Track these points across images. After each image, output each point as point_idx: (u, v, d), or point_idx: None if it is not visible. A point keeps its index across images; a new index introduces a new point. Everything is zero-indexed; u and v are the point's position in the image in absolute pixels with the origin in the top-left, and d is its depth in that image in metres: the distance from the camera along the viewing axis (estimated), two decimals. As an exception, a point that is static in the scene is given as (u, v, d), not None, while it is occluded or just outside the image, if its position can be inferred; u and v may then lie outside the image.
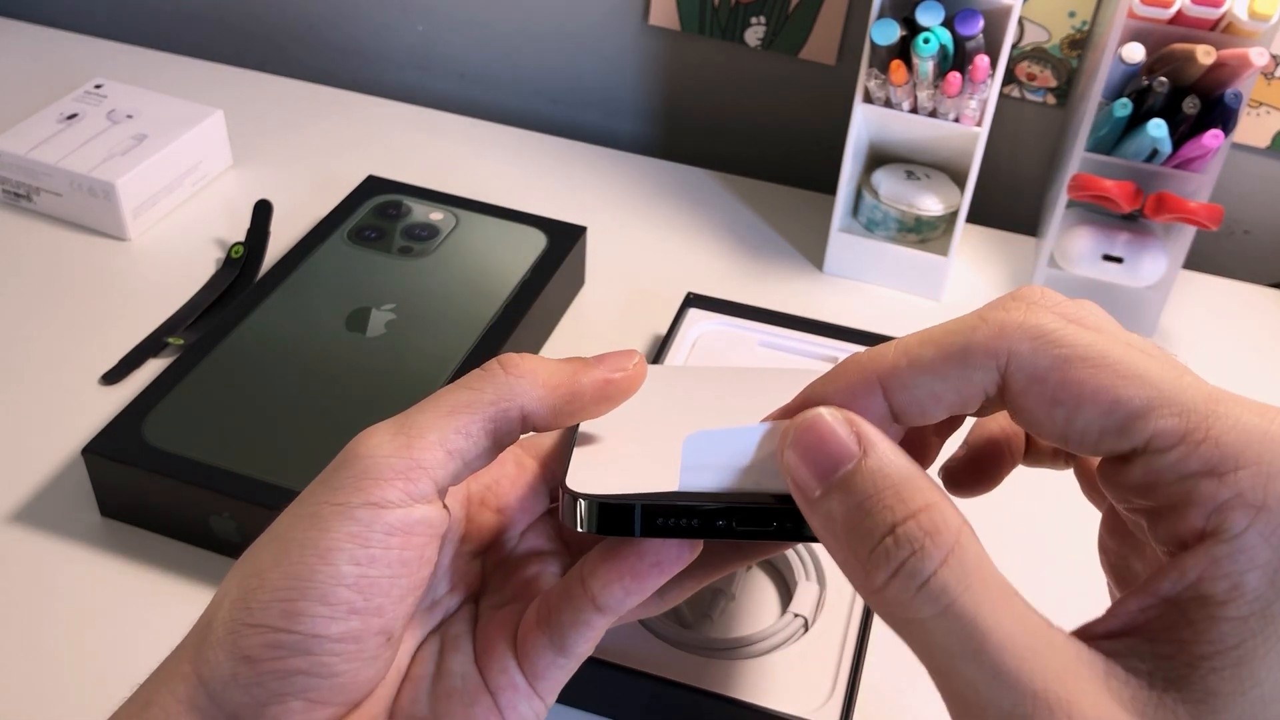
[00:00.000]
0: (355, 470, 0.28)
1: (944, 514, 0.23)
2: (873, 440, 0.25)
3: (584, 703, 0.42)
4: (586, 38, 0.78)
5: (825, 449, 0.25)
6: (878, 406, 0.26)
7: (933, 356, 0.25)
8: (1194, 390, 0.24)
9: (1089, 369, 0.24)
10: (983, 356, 0.25)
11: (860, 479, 0.24)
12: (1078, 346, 0.24)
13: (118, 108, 0.68)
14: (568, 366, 0.31)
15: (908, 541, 0.23)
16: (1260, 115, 0.68)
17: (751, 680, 0.41)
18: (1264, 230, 0.73)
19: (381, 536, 0.27)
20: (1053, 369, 0.24)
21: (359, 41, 0.83)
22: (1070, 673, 0.22)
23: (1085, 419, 0.24)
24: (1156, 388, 0.24)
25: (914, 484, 0.24)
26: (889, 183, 0.64)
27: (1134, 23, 0.56)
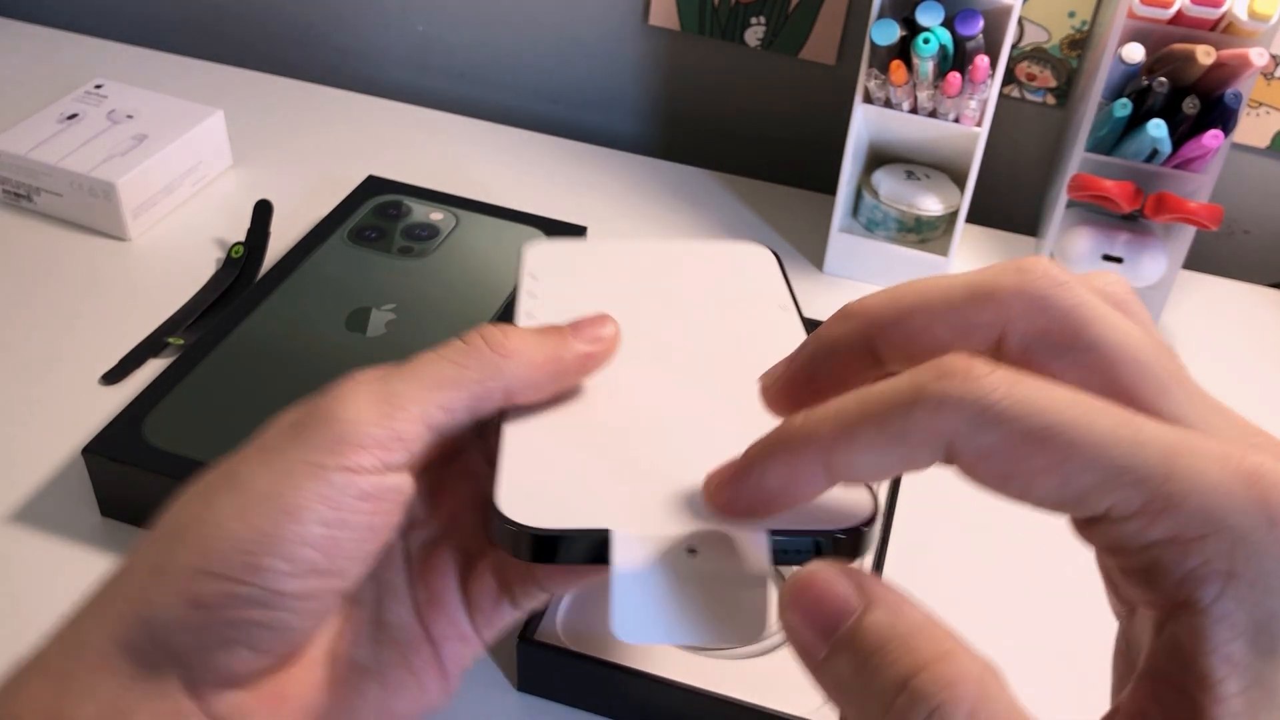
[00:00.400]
0: (334, 433, 0.28)
1: (960, 663, 0.21)
2: (876, 593, 0.23)
3: (584, 703, 0.42)
4: (586, 38, 0.78)
5: (824, 606, 0.23)
6: (819, 477, 0.25)
7: (871, 436, 0.24)
8: (1152, 449, 0.22)
9: (1035, 444, 0.22)
10: (921, 438, 0.23)
11: (865, 634, 0.22)
12: (1021, 419, 0.22)
13: (118, 108, 0.68)
14: (549, 342, 0.31)
15: (923, 699, 0.20)
16: (1260, 115, 0.68)
17: (751, 680, 0.41)
18: (1264, 230, 0.73)
19: (353, 501, 0.28)
20: (998, 447, 0.22)
21: (359, 42, 0.83)
22: None
23: (1040, 492, 0.23)
24: (1110, 457, 0.22)
25: (925, 633, 0.22)
26: (889, 183, 0.64)
27: (1134, 23, 0.56)
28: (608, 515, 0.26)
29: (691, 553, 0.26)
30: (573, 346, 0.31)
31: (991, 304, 0.24)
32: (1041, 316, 0.24)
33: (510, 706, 0.42)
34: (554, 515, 0.26)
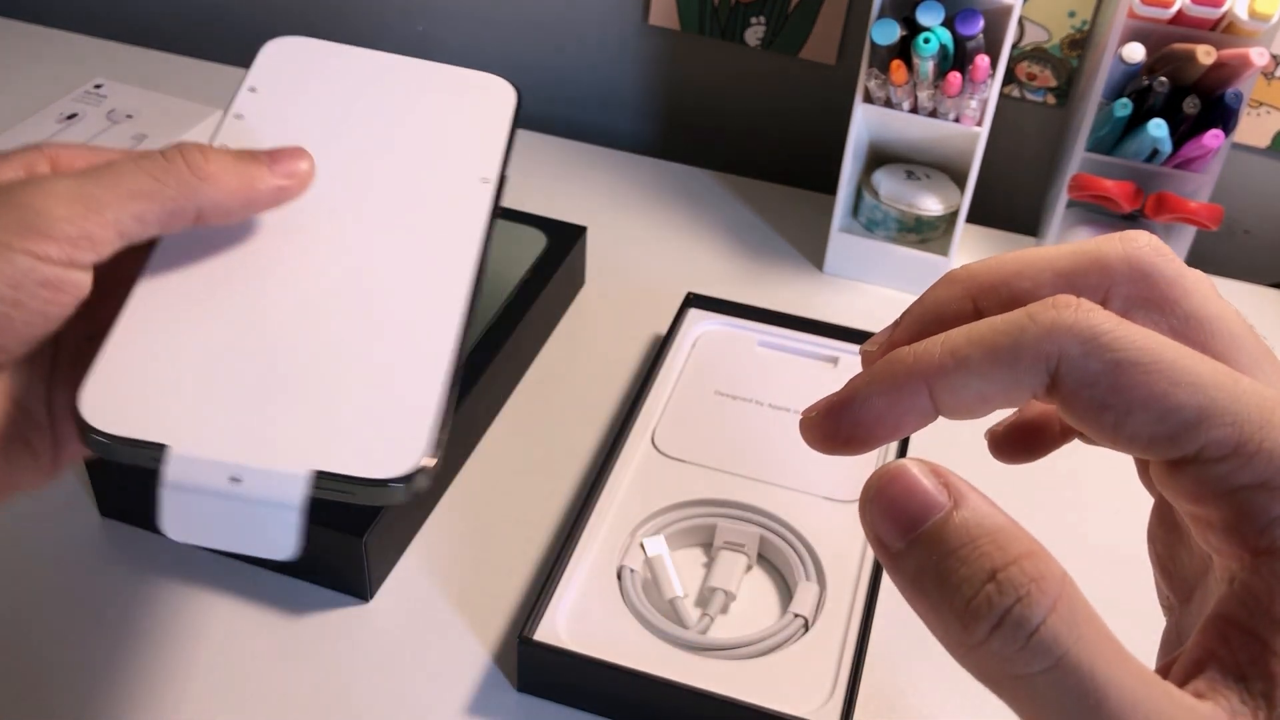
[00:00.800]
0: (25, 216, 0.29)
1: (1047, 562, 0.22)
2: (963, 492, 0.23)
3: (584, 703, 0.42)
4: (586, 38, 0.78)
5: (911, 501, 0.23)
6: (923, 404, 0.25)
7: (980, 359, 0.24)
8: (1250, 399, 0.23)
9: (1141, 374, 0.23)
10: (1032, 359, 0.23)
11: (952, 529, 0.22)
12: (1130, 349, 0.23)
13: (117, 108, 0.68)
14: (246, 171, 0.33)
15: (1011, 588, 0.21)
16: (1260, 115, 0.68)
17: (751, 680, 0.41)
18: (1264, 230, 0.73)
19: (33, 286, 0.29)
20: (1103, 373, 0.23)
21: (359, 42, 0.83)
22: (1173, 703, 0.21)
23: (1135, 425, 0.23)
24: (1210, 396, 0.22)
25: (1011, 532, 0.22)
26: (889, 183, 0.64)
27: (1134, 22, 0.56)
28: (169, 431, 0.29)
29: (235, 480, 0.29)
30: (267, 179, 0.33)
31: (1097, 268, 0.25)
32: (1144, 283, 0.25)
33: (510, 706, 0.42)
34: (121, 421, 0.29)
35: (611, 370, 0.58)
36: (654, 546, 0.45)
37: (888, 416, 0.25)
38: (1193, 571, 0.27)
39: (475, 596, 0.46)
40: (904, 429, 0.25)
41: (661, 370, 0.54)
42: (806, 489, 0.48)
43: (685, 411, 0.52)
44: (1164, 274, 0.25)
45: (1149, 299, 0.25)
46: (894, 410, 0.25)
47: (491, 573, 0.47)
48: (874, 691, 0.43)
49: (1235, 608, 0.22)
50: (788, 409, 0.53)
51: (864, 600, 0.44)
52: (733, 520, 0.47)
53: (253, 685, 0.42)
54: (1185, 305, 0.25)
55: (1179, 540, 0.28)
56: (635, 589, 0.44)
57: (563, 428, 0.54)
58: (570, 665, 0.41)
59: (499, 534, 0.49)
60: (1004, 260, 0.26)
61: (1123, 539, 0.42)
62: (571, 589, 0.44)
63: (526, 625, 0.42)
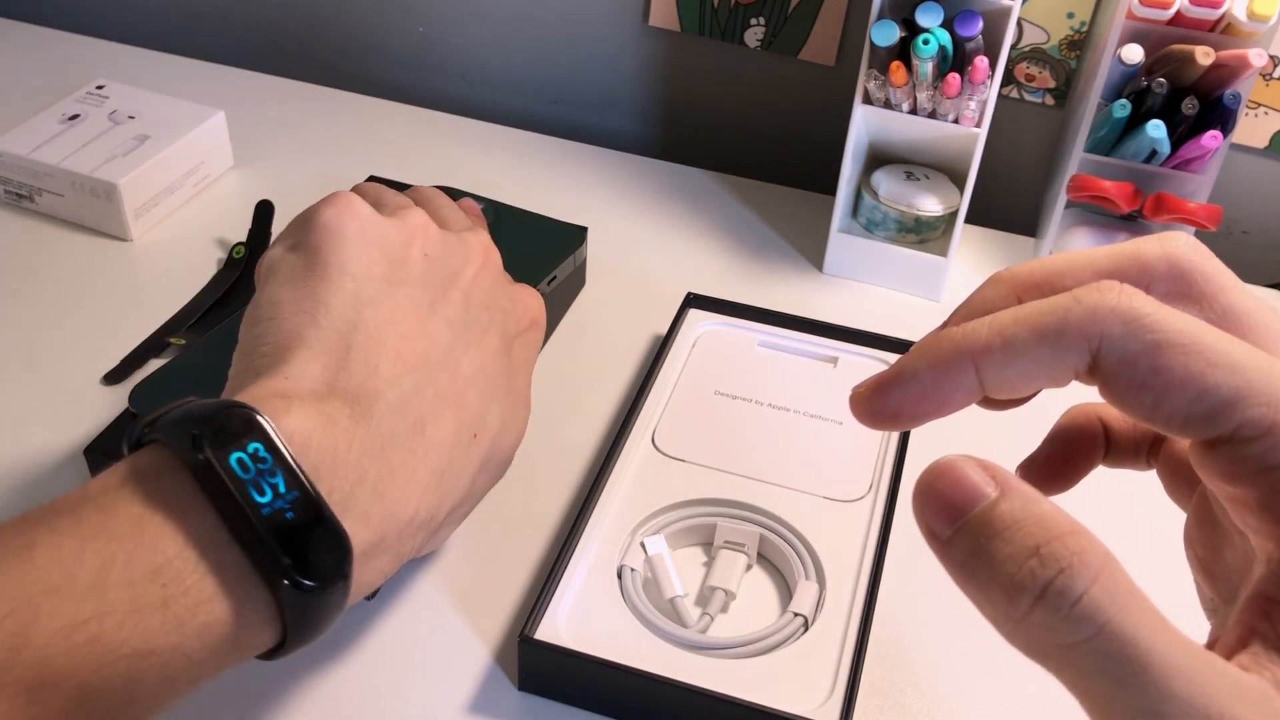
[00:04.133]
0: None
1: (1090, 539, 0.22)
2: (1010, 482, 0.24)
3: (584, 702, 0.42)
4: (587, 38, 0.78)
5: (958, 491, 0.24)
6: (969, 382, 0.26)
7: (1026, 337, 0.25)
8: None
9: (1179, 355, 0.24)
10: (1076, 338, 0.24)
11: (998, 515, 0.23)
12: (1169, 332, 0.24)
13: (119, 109, 0.68)
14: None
15: (1054, 561, 0.22)
16: (1259, 116, 0.68)
17: (751, 680, 0.41)
18: (1262, 231, 0.73)
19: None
20: (1143, 354, 0.24)
21: (360, 42, 0.84)
22: (1239, 694, 0.21)
23: (1173, 404, 0.24)
24: (1246, 377, 0.23)
25: (1055, 516, 0.23)
26: (888, 183, 0.65)
27: (1133, 24, 0.56)
28: None
29: None
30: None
31: (1136, 266, 0.27)
32: (1183, 279, 0.26)
33: (510, 706, 0.42)
34: None
35: (611, 370, 0.58)
36: (654, 546, 0.45)
37: (935, 393, 0.26)
38: (1236, 569, 0.27)
39: (475, 596, 0.46)
40: (951, 405, 0.26)
41: (661, 370, 0.54)
42: (806, 489, 0.48)
43: (685, 411, 0.52)
44: (1202, 270, 0.26)
45: (1188, 295, 0.26)
46: (941, 386, 0.26)
47: (492, 572, 0.47)
48: (874, 691, 0.43)
49: (1275, 586, 0.23)
50: (788, 409, 0.53)
51: (864, 599, 0.44)
52: (733, 520, 0.47)
53: (251, 685, 0.42)
54: (1222, 300, 0.26)
55: (1222, 539, 0.29)
56: (635, 588, 0.44)
57: (563, 428, 0.54)
58: (571, 664, 0.41)
59: (499, 534, 0.49)
60: (1047, 261, 0.28)
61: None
62: (572, 588, 0.44)
63: (527, 624, 0.42)
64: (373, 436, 0.35)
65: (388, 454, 0.35)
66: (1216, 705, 0.21)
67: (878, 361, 0.56)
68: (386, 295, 0.38)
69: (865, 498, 0.48)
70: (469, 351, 0.39)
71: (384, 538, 0.35)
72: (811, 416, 0.53)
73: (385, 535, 0.35)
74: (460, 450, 0.38)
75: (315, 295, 0.37)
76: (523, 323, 0.43)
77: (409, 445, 0.36)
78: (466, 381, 0.39)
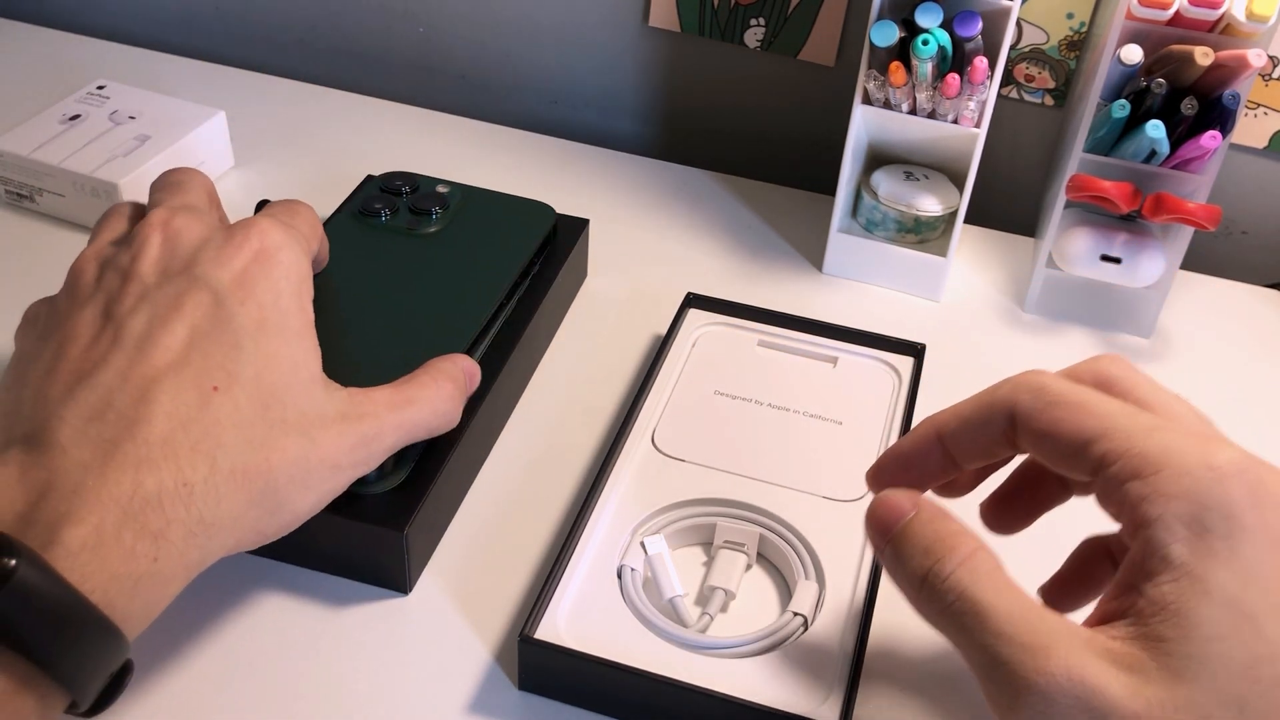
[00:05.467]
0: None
1: (965, 538, 0.32)
2: (924, 504, 0.34)
3: (584, 702, 0.42)
4: (586, 39, 0.78)
5: (889, 512, 0.34)
6: (939, 452, 0.37)
7: (969, 410, 0.36)
8: (1138, 421, 0.32)
9: (1066, 410, 0.33)
10: (1001, 405, 0.34)
11: (909, 527, 0.33)
12: (1061, 395, 0.33)
13: (120, 109, 0.68)
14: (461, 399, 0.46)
15: (934, 553, 0.32)
16: (1258, 116, 0.68)
17: (751, 678, 0.41)
18: (1261, 231, 0.73)
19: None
20: (1042, 411, 0.33)
21: (360, 43, 0.84)
22: (1054, 632, 0.30)
23: (1061, 446, 0.33)
24: (1109, 421, 0.32)
25: (949, 525, 0.33)
26: (888, 184, 0.65)
27: (1132, 24, 0.56)
28: None
29: None
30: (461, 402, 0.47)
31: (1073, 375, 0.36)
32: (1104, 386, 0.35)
33: (510, 706, 0.42)
34: None
35: (611, 370, 0.58)
36: (654, 545, 0.46)
37: (915, 459, 0.37)
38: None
39: (475, 596, 0.46)
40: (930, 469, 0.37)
41: (661, 370, 0.54)
42: (806, 489, 0.48)
43: (685, 411, 0.52)
44: (1116, 376, 0.35)
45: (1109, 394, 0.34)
46: (919, 453, 0.37)
47: (492, 572, 0.47)
48: (874, 690, 0.43)
49: (1127, 574, 0.30)
50: (787, 408, 0.53)
51: (864, 599, 0.44)
52: (732, 520, 0.47)
53: (251, 685, 0.42)
54: (1134, 395, 0.34)
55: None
56: (635, 588, 0.44)
57: (563, 427, 0.55)
58: (571, 664, 0.41)
59: (499, 533, 0.49)
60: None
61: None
62: (572, 588, 0.44)
63: (527, 624, 0.42)
64: (59, 449, 0.34)
65: (80, 453, 0.34)
66: (1031, 637, 0.30)
67: (877, 361, 0.56)
68: (46, 341, 0.39)
69: (865, 498, 0.48)
70: (168, 325, 0.37)
71: (101, 524, 0.33)
72: (811, 416, 0.53)
73: (103, 521, 0.33)
74: (199, 409, 0.36)
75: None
76: (237, 263, 0.40)
77: (117, 434, 0.35)
78: (177, 351, 0.37)
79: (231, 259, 0.40)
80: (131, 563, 0.33)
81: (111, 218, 0.44)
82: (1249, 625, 0.28)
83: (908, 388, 0.54)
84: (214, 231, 0.42)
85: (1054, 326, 0.64)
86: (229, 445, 0.36)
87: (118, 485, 0.33)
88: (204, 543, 0.35)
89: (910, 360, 0.56)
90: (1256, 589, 0.29)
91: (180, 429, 0.35)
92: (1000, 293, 0.66)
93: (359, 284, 0.53)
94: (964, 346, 0.62)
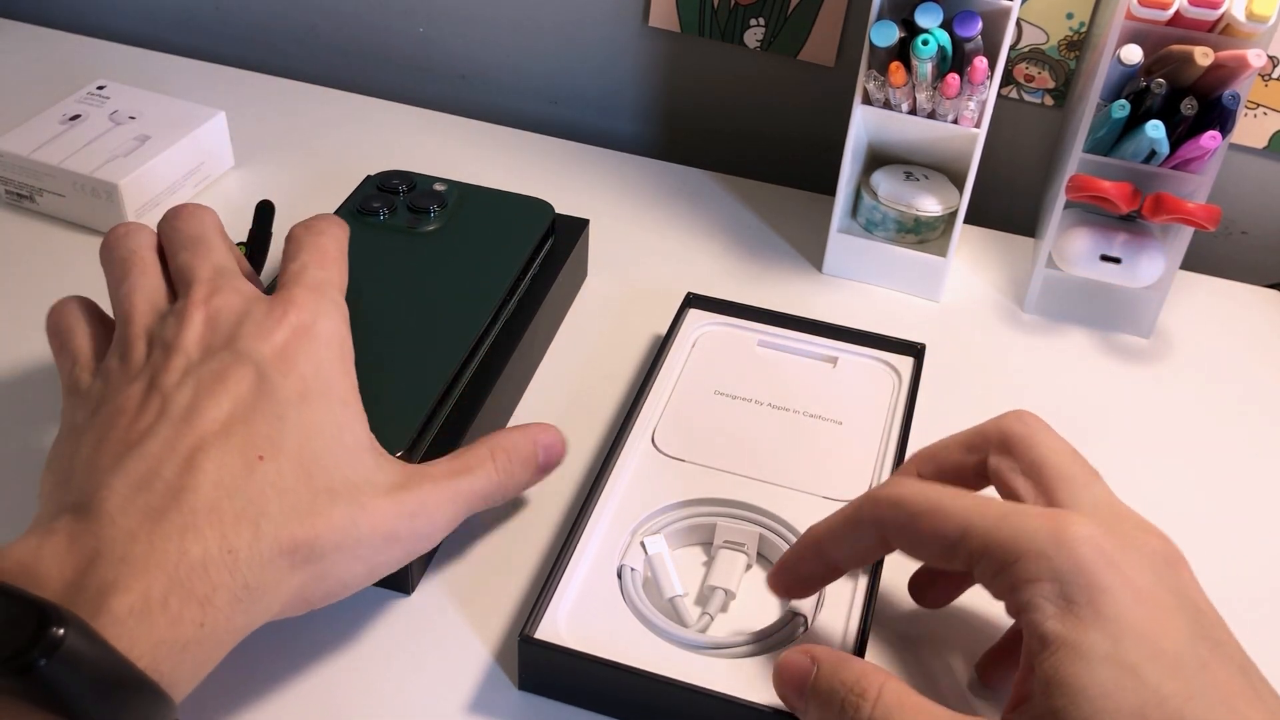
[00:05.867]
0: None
1: (870, 676, 0.35)
2: (820, 656, 0.37)
3: (583, 702, 0.42)
4: (586, 39, 0.78)
5: (794, 674, 0.37)
6: (819, 562, 0.41)
7: (839, 524, 0.40)
8: (990, 513, 0.35)
9: (923, 521, 0.36)
10: (868, 525, 0.38)
11: (815, 684, 0.36)
12: (919, 504, 0.36)
13: (120, 109, 0.68)
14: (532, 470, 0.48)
15: (849, 704, 0.35)
16: (1258, 117, 0.68)
17: (752, 678, 0.41)
18: (1261, 231, 0.73)
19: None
20: (905, 526, 0.37)
21: (360, 43, 0.84)
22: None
23: (932, 555, 0.36)
24: (964, 519, 0.35)
25: (848, 665, 0.36)
26: (888, 184, 0.65)
27: (1132, 24, 0.56)
28: None
29: None
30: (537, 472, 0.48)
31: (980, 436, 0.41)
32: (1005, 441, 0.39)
33: (510, 706, 0.42)
34: None
35: (611, 370, 0.58)
36: (654, 545, 0.46)
37: (806, 571, 0.42)
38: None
39: (475, 596, 0.46)
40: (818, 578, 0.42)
41: (661, 370, 0.54)
42: (806, 489, 0.48)
43: (685, 411, 0.52)
44: (1018, 434, 0.38)
45: (1008, 451, 0.38)
46: (804, 563, 0.41)
47: (492, 572, 0.47)
48: (873, 690, 0.43)
49: (1023, 657, 0.33)
50: (787, 409, 0.53)
51: (863, 599, 0.44)
52: (732, 519, 0.47)
53: (250, 685, 0.42)
54: (1030, 454, 0.37)
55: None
56: (635, 587, 0.44)
57: (563, 427, 0.54)
58: (571, 664, 0.41)
59: (499, 533, 0.49)
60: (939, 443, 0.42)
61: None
62: (572, 588, 0.44)
63: (527, 624, 0.42)
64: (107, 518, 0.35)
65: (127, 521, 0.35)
66: None
67: (877, 361, 0.56)
68: (96, 415, 0.39)
69: (865, 497, 0.48)
70: (213, 397, 0.38)
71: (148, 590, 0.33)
72: (811, 416, 0.53)
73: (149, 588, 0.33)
74: (244, 477, 0.37)
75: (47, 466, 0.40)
76: (277, 337, 0.41)
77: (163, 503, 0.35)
78: (222, 422, 0.38)
79: (272, 333, 0.41)
80: (178, 628, 0.34)
81: (134, 268, 0.45)
82: (1129, 677, 0.30)
83: (907, 388, 0.54)
84: (253, 304, 0.42)
85: (1054, 326, 0.64)
86: (273, 513, 0.37)
87: (164, 553, 0.34)
88: (249, 608, 0.36)
89: (910, 360, 0.56)
90: (1129, 641, 0.31)
91: (226, 497, 0.36)
92: (1000, 293, 0.66)
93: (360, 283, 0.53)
94: (964, 346, 0.62)
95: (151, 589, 0.33)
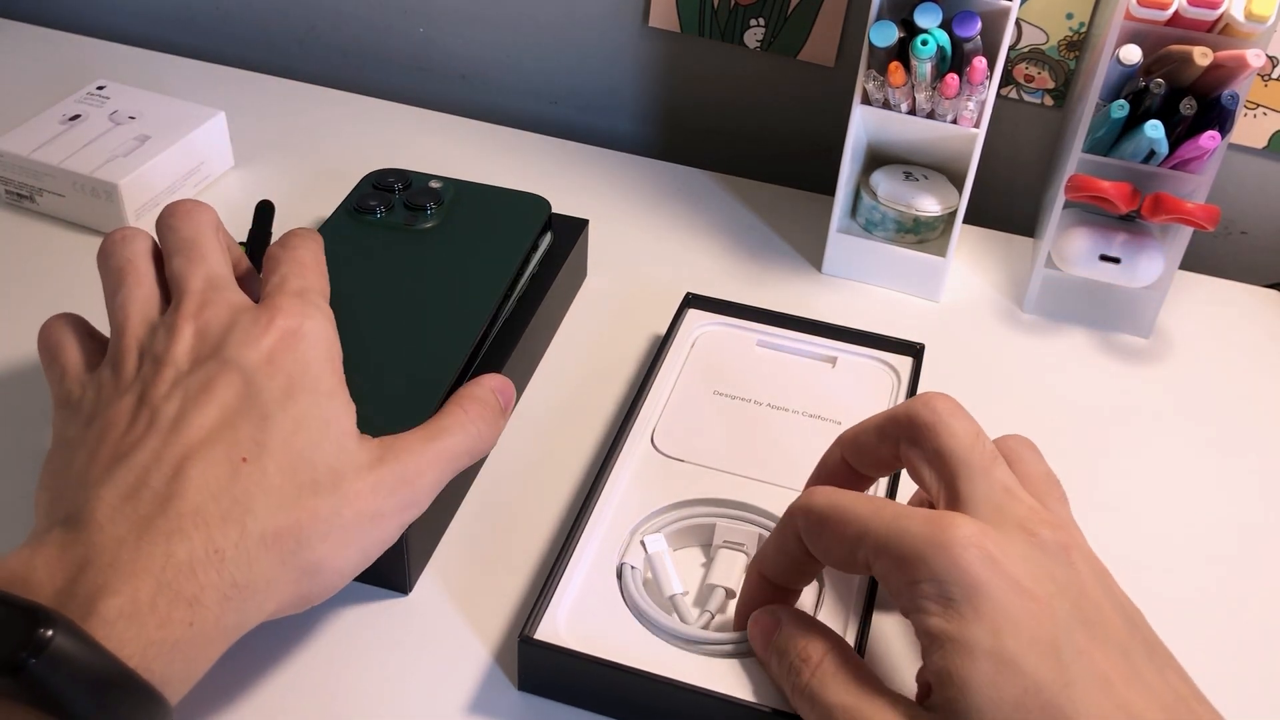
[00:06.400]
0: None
1: (816, 647, 0.38)
2: (785, 617, 0.40)
3: (583, 702, 0.42)
4: (586, 39, 0.78)
5: (761, 629, 0.40)
6: (767, 590, 0.42)
7: (770, 545, 0.41)
8: (883, 516, 0.36)
9: (829, 526, 0.38)
10: (790, 537, 0.40)
11: (777, 641, 0.39)
12: (826, 510, 0.38)
13: (120, 109, 0.68)
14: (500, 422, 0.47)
15: (795, 667, 0.38)
16: (1257, 117, 0.68)
17: (752, 678, 0.41)
18: (1260, 231, 0.73)
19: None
20: (815, 532, 0.38)
21: (360, 43, 0.84)
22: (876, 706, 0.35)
23: (840, 560, 0.38)
24: (861, 525, 0.36)
25: (805, 634, 0.39)
26: (887, 184, 0.65)
27: (1131, 24, 0.56)
28: None
29: None
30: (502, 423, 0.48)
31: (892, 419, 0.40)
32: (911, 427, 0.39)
33: (510, 706, 0.42)
34: None
35: (611, 370, 0.58)
36: (654, 544, 0.46)
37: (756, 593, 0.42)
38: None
39: (475, 596, 0.46)
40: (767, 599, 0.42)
41: (661, 370, 0.54)
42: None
43: (685, 411, 0.53)
44: (923, 419, 0.38)
45: (913, 439, 0.39)
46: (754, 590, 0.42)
47: (492, 572, 0.47)
48: (872, 689, 0.43)
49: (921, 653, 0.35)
50: (787, 409, 0.53)
51: (863, 599, 0.44)
52: (732, 520, 0.47)
53: (248, 685, 0.42)
54: (932, 443, 0.38)
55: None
56: (635, 587, 0.44)
57: (562, 427, 0.55)
58: (571, 664, 0.41)
59: (499, 533, 0.49)
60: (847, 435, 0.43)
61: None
62: (572, 588, 0.44)
63: (527, 624, 0.42)
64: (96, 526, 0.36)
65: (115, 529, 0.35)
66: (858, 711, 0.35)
67: (877, 361, 0.56)
68: (88, 430, 0.40)
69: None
70: (200, 406, 0.39)
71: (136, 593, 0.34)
72: (811, 416, 0.53)
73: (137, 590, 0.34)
74: (229, 480, 0.37)
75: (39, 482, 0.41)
76: (265, 343, 0.41)
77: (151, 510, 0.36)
78: (208, 429, 0.38)
79: (259, 339, 0.41)
80: (167, 629, 0.34)
81: (128, 278, 0.46)
82: (1009, 667, 0.32)
83: (907, 388, 0.54)
84: (241, 314, 0.43)
85: (1053, 326, 0.64)
86: (258, 511, 0.37)
87: (150, 557, 0.35)
88: (240, 606, 0.37)
89: (909, 360, 0.56)
90: (1008, 633, 0.33)
91: (211, 500, 0.37)
92: (999, 293, 0.67)
93: (358, 282, 0.53)
94: (963, 347, 0.62)
95: (139, 591, 0.34)
